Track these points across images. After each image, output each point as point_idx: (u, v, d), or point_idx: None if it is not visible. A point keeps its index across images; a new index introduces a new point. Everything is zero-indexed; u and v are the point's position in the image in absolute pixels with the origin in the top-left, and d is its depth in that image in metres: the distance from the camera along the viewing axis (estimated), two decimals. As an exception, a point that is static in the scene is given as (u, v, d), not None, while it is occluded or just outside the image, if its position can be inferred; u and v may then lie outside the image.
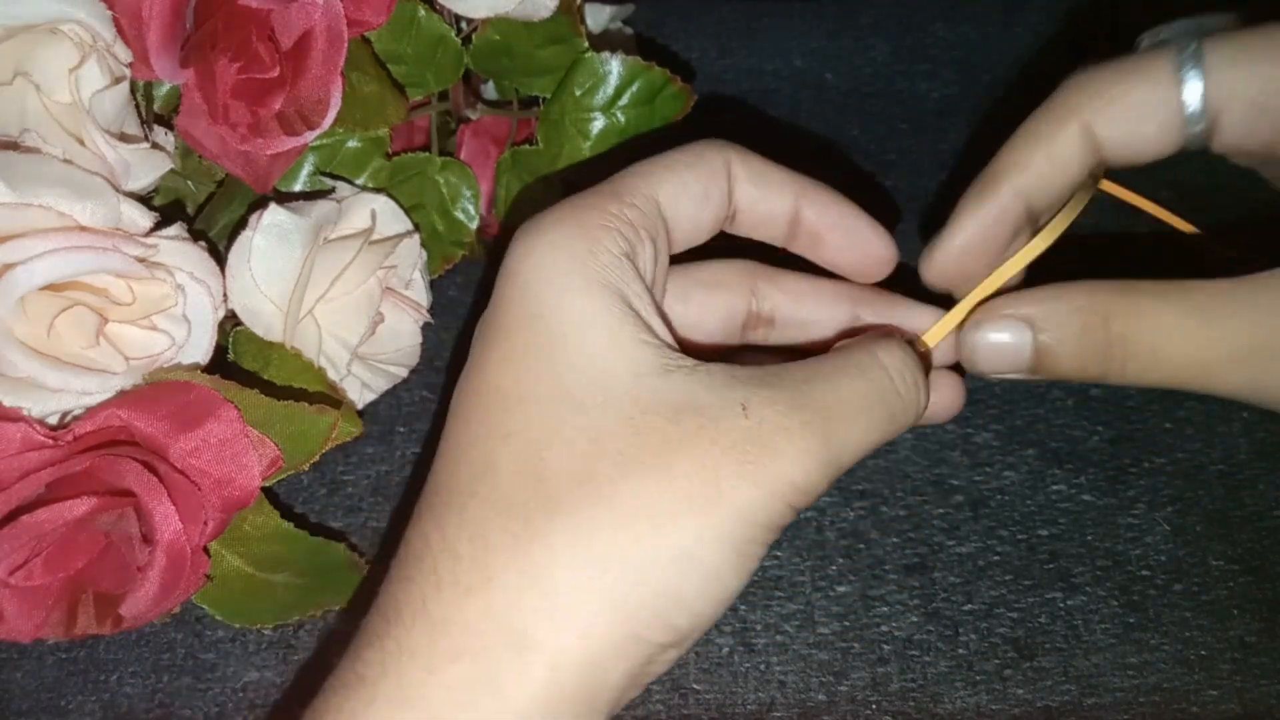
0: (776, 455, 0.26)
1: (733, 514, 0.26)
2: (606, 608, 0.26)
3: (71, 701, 0.36)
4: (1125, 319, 0.29)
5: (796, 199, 0.32)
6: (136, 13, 0.33)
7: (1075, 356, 0.30)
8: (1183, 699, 0.36)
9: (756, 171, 0.32)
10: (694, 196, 0.31)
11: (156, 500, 0.30)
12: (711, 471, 0.26)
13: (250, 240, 0.34)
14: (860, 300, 0.35)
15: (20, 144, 0.31)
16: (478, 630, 0.26)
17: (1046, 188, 0.32)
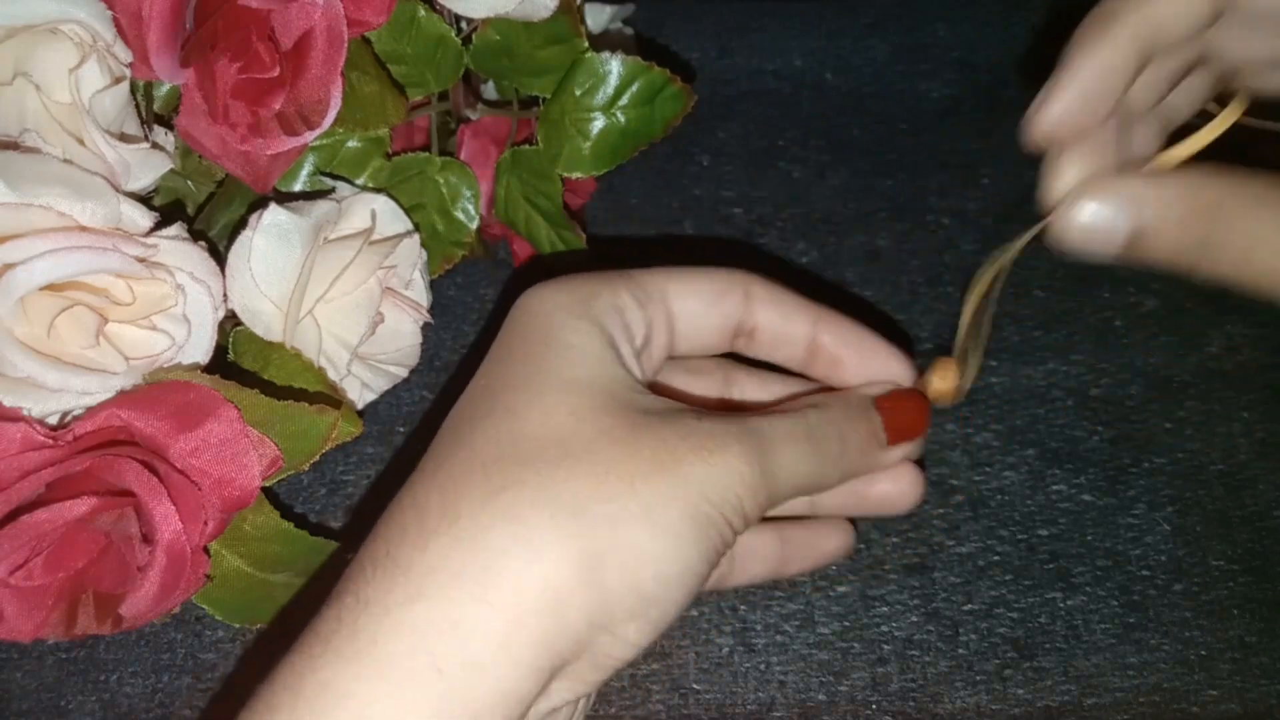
0: (725, 450, 0.29)
1: (691, 483, 0.28)
2: (573, 551, 0.27)
3: (71, 701, 0.36)
4: (1232, 214, 0.29)
5: (815, 325, 0.34)
6: (136, 13, 0.32)
7: (1171, 243, 0.29)
8: (1183, 699, 0.36)
9: (777, 296, 0.34)
10: (702, 298, 0.33)
11: (156, 500, 0.30)
12: (672, 449, 0.28)
13: (250, 240, 0.34)
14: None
15: (20, 144, 0.31)
16: (439, 570, 0.26)
17: (1168, 31, 0.30)
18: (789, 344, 0.34)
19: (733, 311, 0.34)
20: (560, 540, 0.27)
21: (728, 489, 0.29)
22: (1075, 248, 0.30)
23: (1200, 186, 0.29)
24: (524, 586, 0.26)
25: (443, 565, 0.26)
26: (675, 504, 0.28)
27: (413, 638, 0.26)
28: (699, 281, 0.33)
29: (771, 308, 0.34)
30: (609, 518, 0.27)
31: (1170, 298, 0.45)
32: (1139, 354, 0.44)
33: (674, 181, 0.50)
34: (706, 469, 0.28)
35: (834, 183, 0.49)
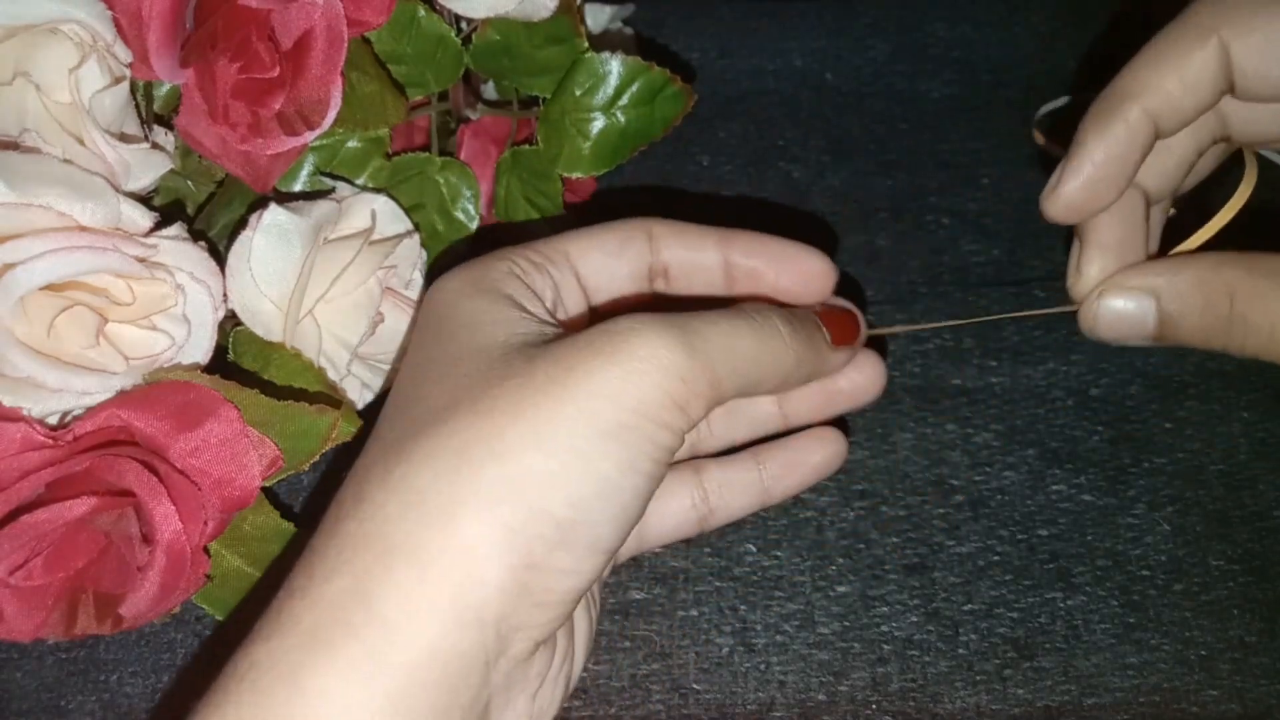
0: (633, 342, 0.28)
1: (590, 392, 0.27)
2: (466, 498, 0.27)
3: (71, 701, 0.36)
4: (1248, 298, 0.30)
5: (721, 247, 0.34)
6: (136, 13, 0.33)
7: (1198, 329, 0.31)
8: (1183, 699, 0.36)
9: (679, 230, 0.34)
10: (604, 249, 0.34)
11: (156, 500, 0.30)
12: (567, 363, 0.28)
13: (250, 240, 0.34)
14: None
15: (20, 144, 0.31)
16: (346, 549, 0.27)
17: (1176, 112, 0.31)
18: (703, 271, 0.34)
19: (639, 256, 0.34)
20: (450, 493, 0.27)
21: (645, 384, 0.27)
22: (1106, 339, 0.32)
23: (1214, 271, 0.30)
24: (423, 547, 0.26)
25: (350, 544, 0.27)
26: (570, 420, 0.27)
27: (328, 610, 0.26)
28: (598, 235, 0.34)
29: (675, 241, 0.34)
30: (494, 456, 0.27)
31: (1170, 298, 0.45)
32: (1139, 354, 0.44)
33: (674, 181, 0.49)
34: (611, 369, 0.27)
35: (834, 183, 0.49)
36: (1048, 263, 0.47)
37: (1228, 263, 0.30)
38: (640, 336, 0.28)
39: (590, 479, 0.27)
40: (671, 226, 0.34)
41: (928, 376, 0.44)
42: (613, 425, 0.27)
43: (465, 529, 0.26)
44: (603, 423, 0.27)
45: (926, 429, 0.42)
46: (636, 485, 0.28)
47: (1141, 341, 0.32)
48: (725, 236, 0.34)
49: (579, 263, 0.33)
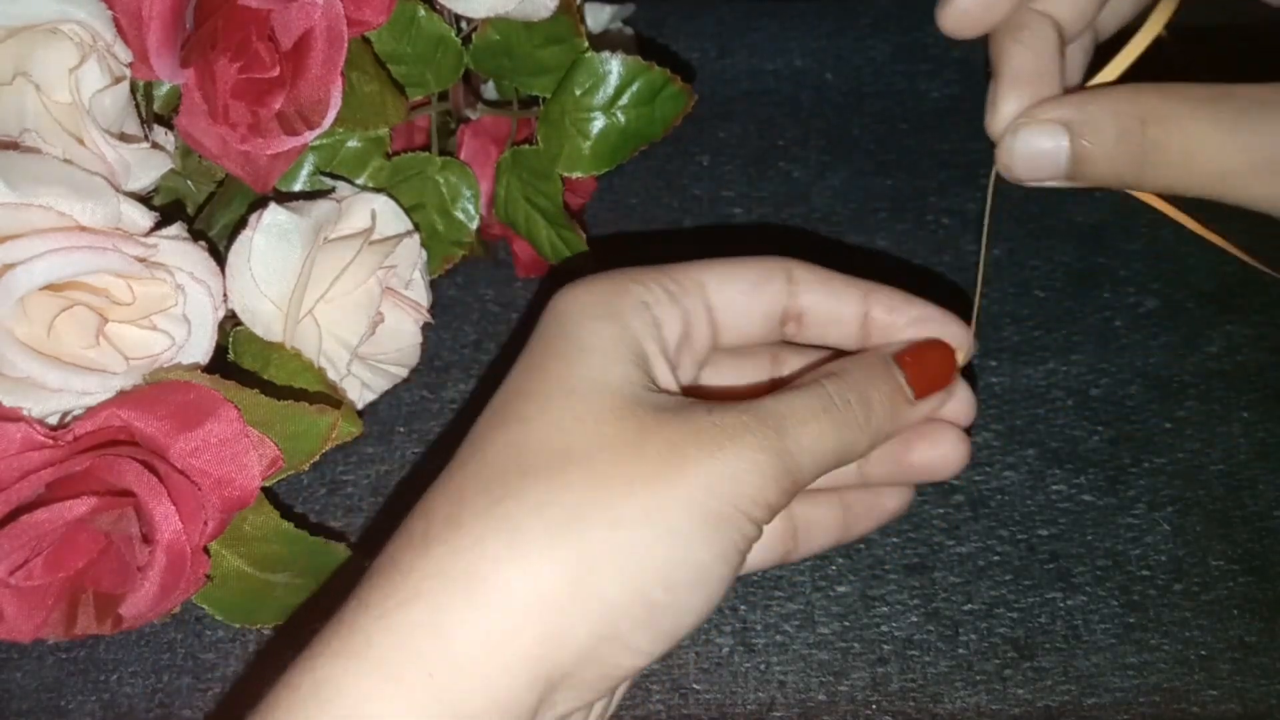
0: (736, 442, 0.28)
1: (698, 481, 0.28)
2: (567, 559, 0.26)
3: (71, 701, 0.36)
4: (1161, 124, 0.29)
5: (864, 300, 0.34)
6: (136, 13, 0.32)
7: (1111, 160, 0.30)
8: (1183, 699, 0.36)
9: (821, 276, 0.34)
10: (742, 286, 0.33)
11: (156, 500, 0.30)
12: (679, 449, 0.28)
13: (250, 240, 0.34)
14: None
15: (20, 144, 0.31)
16: (434, 576, 0.27)
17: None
18: (839, 323, 0.34)
19: (776, 297, 0.33)
20: (553, 549, 0.26)
21: (742, 482, 0.28)
22: (1024, 178, 0.31)
23: (1129, 100, 0.29)
24: (514, 593, 0.26)
25: (439, 571, 0.27)
26: (680, 505, 0.27)
27: (403, 639, 0.26)
28: (738, 270, 0.33)
29: (817, 288, 0.33)
30: (607, 524, 0.27)
31: (1170, 298, 0.45)
32: (1139, 354, 0.44)
33: (674, 181, 0.49)
34: (716, 464, 0.28)
35: (834, 183, 0.49)
36: (1048, 262, 0.47)
37: (1144, 90, 0.29)
38: (747, 436, 0.28)
39: (688, 565, 0.27)
40: (815, 272, 0.34)
41: (928, 376, 0.43)
42: (710, 513, 0.27)
43: (558, 587, 0.26)
44: (706, 513, 0.27)
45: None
46: (724, 576, 0.28)
47: (1059, 181, 0.30)
48: (870, 290, 0.34)
49: (713, 295, 0.33)
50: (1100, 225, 0.48)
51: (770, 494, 0.28)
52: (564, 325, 0.31)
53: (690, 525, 0.27)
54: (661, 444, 0.28)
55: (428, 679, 0.26)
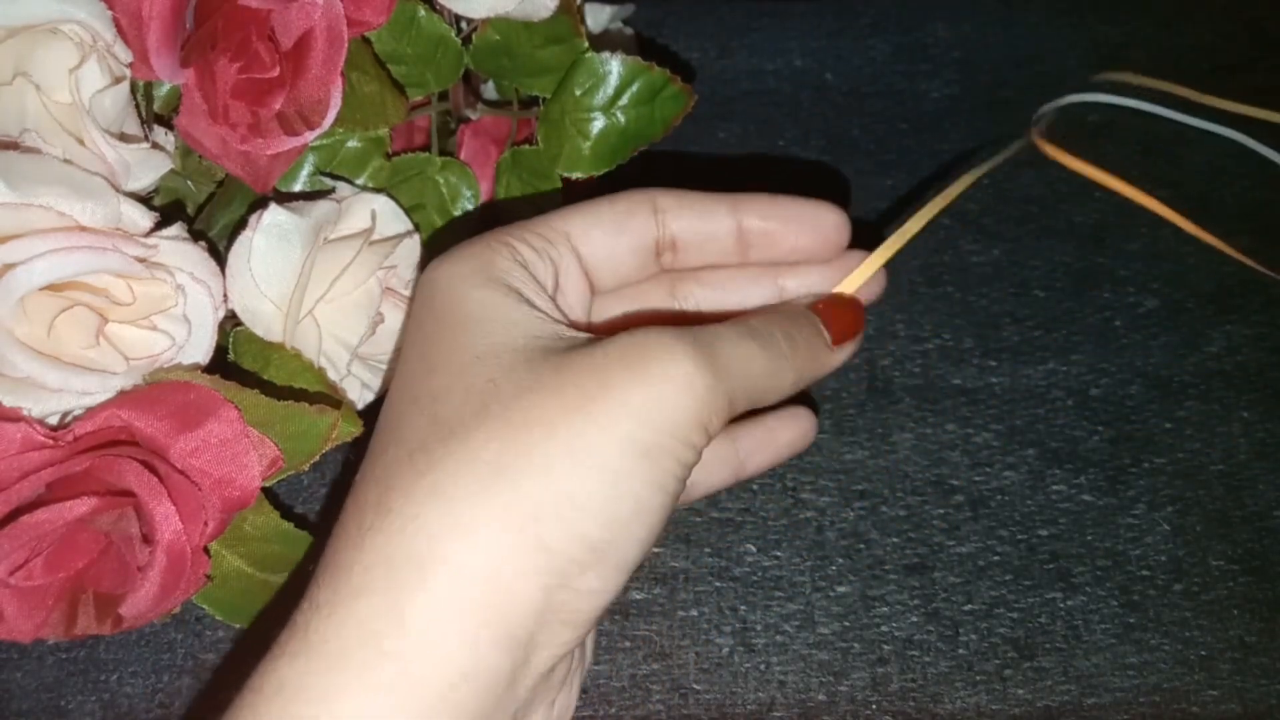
0: (664, 360, 0.27)
1: (624, 411, 0.27)
2: (504, 514, 0.26)
3: (71, 701, 0.36)
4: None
5: (733, 212, 0.33)
6: (136, 13, 0.32)
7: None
8: (1183, 699, 0.36)
9: (686, 199, 0.33)
10: (606, 227, 0.32)
11: (157, 500, 0.30)
12: (601, 377, 0.27)
13: (250, 240, 0.34)
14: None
15: (20, 144, 0.31)
16: (377, 564, 0.26)
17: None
18: (715, 240, 0.34)
19: (644, 230, 0.33)
20: (487, 508, 0.26)
21: (675, 405, 0.27)
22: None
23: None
24: (460, 564, 0.26)
25: (380, 559, 0.26)
26: (608, 439, 0.26)
27: (360, 629, 0.26)
28: (600, 212, 0.32)
29: (684, 211, 0.33)
30: (535, 471, 0.26)
31: (1170, 298, 0.45)
32: (1139, 354, 0.44)
33: (674, 182, 0.49)
34: (644, 388, 0.27)
35: (834, 183, 0.49)
36: (1047, 262, 0.47)
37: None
38: (669, 354, 0.27)
39: (625, 500, 0.27)
40: (678, 196, 0.33)
41: (928, 376, 0.44)
42: (646, 445, 0.27)
43: (502, 546, 0.26)
44: (637, 443, 0.27)
45: (926, 429, 0.42)
46: (664, 504, 0.27)
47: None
48: (736, 201, 0.33)
49: (580, 243, 0.32)
50: (1100, 225, 0.48)
51: (705, 413, 0.27)
52: (448, 298, 0.30)
53: (621, 459, 0.26)
54: (583, 374, 0.27)
55: (388, 661, 0.25)
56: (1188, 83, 0.52)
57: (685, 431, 0.27)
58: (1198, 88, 0.52)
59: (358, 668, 0.25)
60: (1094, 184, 0.49)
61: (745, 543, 0.39)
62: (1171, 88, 0.40)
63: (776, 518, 0.40)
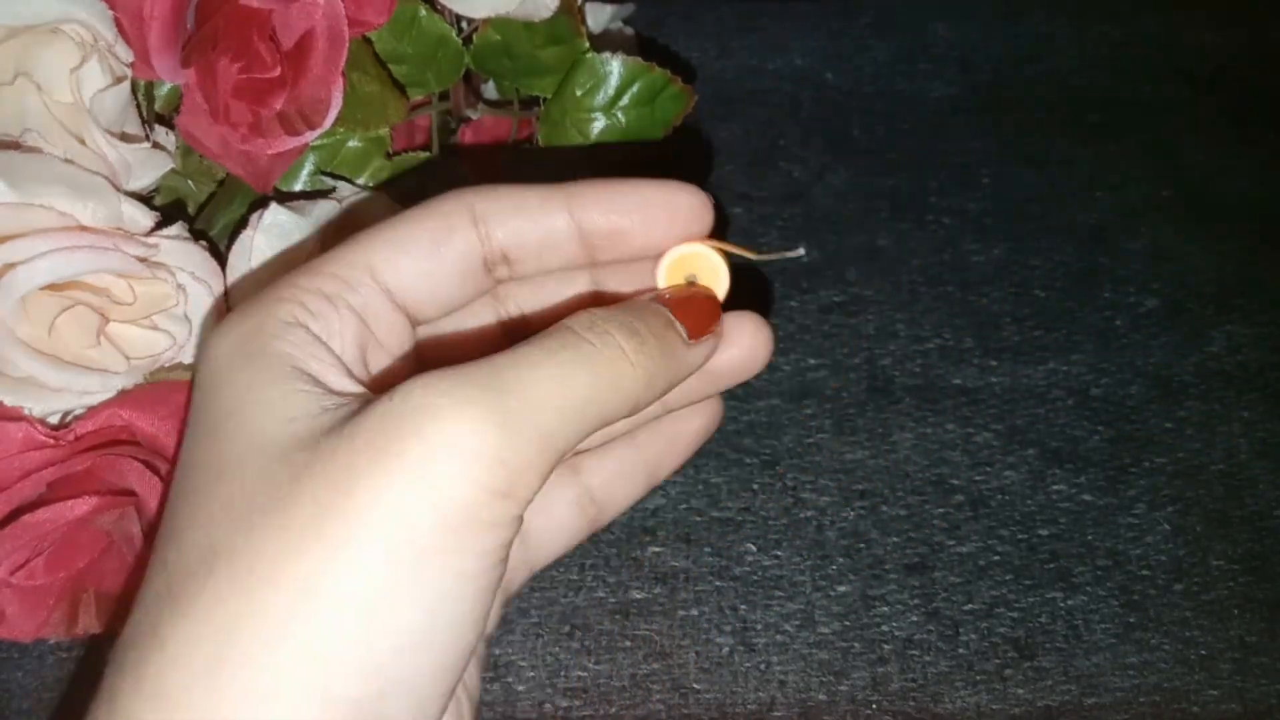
0: (423, 426, 0.21)
1: (379, 516, 0.21)
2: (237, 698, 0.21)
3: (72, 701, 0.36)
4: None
5: (571, 209, 0.28)
6: (138, 12, 0.32)
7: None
8: (1183, 699, 0.36)
9: (509, 200, 0.27)
10: (418, 251, 0.27)
11: (158, 499, 0.30)
12: (343, 475, 0.21)
13: (251, 240, 0.34)
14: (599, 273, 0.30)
15: (21, 144, 0.31)
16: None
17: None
18: (554, 247, 0.28)
19: (466, 248, 0.27)
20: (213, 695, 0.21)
21: (458, 485, 0.21)
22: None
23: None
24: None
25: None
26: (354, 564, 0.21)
27: None
28: (405, 233, 0.27)
29: (509, 217, 0.27)
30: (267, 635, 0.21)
31: (1170, 298, 0.45)
32: (1139, 354, 0.44)
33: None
34: (405, 476, 0.21)
35: (834, 183, 0.49)
36: (1048, 262, 0.47)
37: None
38: (436, 418, 0.21)
39: (392, 636, 0.21)
40: (500, 198, 0.27)
41: (928, 376, 0.44)
42: (414, 554, 0.21)
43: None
44: (400, 555, 0.21)
45: (926, 429, 0.42)
46: (460, 612, 0.22)
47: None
48: (571, 195, 0.27)
49: (387, 276, 0.26)
50: (1100, 225, 0.48)
51: (503, 479, 0.21)
52: (209, 384, 0.25)
53: (378, 586, 0.21)
54: (319, 483, 0.21)
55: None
56: (1188, 82, 0.52)
57: (475, 512, 0.21)
58: (1198, 87, 0.52)
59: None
60: (1094, 183, 0.50)
61: (745, 542, 0.40)
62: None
63: (777, 517, 0.40)
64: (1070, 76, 0.53)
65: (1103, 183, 0.49)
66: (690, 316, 0.27)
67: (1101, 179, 0.49)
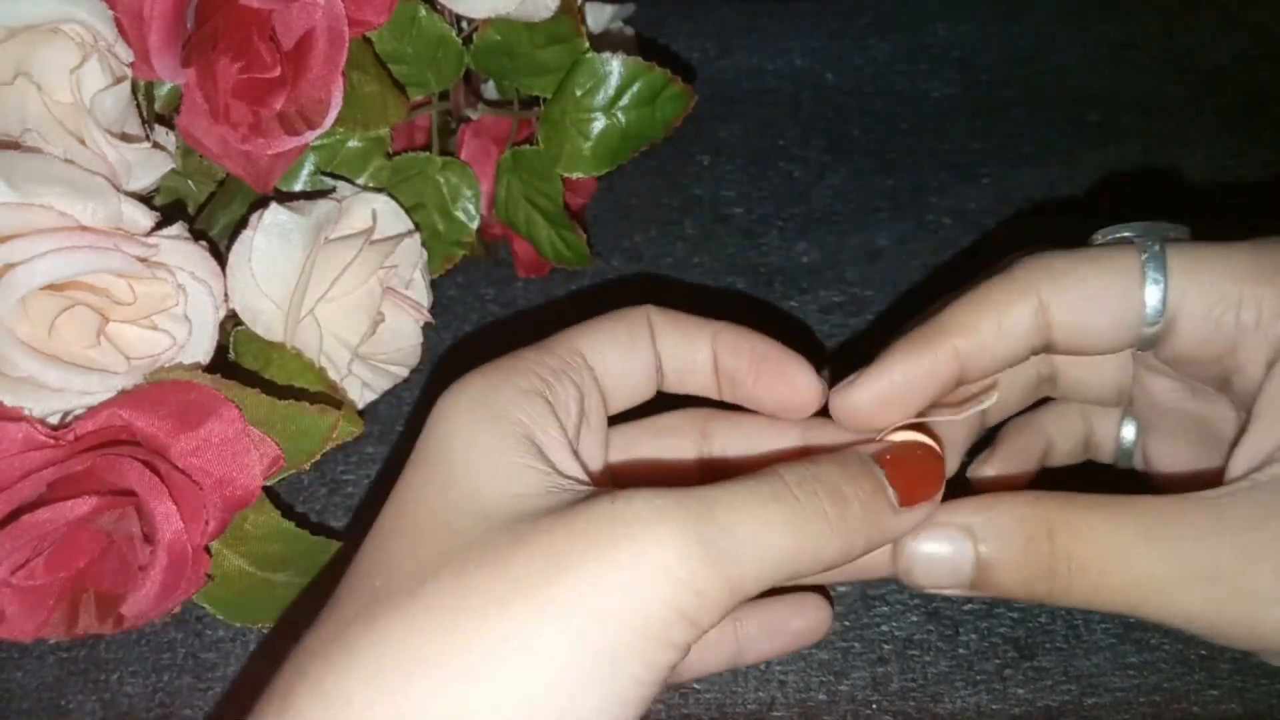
0: (638, 536, 0.22)
1: (581, 600, 0.22)
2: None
3: (72, 701, 0.36)
4: (1072, 534, 0.27)
5: (711, 341, 0.31)
6: (138, 12, 0.33)
7: (1019, 571, 0.27)
8: (1183, 699, 0.36)
9: (672, 321, 0.31)
10: (619, 346, 0.30)
11: (158, 500, 0.30)
12: (558, 554, 0.22)
13: (251, 240, 0.34)
14: (810, 431, 0.32)
15: (21, 144, 0.31)
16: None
17: (985, 357, 0.29)
18: (695, 371, 0.31)
19: (647, 350, 0.31)
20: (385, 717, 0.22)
21: (655, 598, 0.22)
22: (924, 586, 0.28)
23: (1031, 507, 0.27)
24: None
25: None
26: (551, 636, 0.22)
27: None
28: (608, 326, 0.30)
29: (671, 335, 0.31)
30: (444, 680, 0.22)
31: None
32: (1139, 354, 0.44)
33: (674, 181, 0.50)
34: (612, 576, 0.22)
35: (834, 183, 0.49)
36: (1048, 263, 0.47)
37: (1044, 498, 0.27)
38: (650, 531, 0.23)
39: (570, 714, 0.22)
40: (666, 316, 0.31)
41: (928, 376, 0.44)
42: (603, 647, 0.22)
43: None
44: (590, 643, 0.22)
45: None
46: (624, 715, 0.23)
47: (960, 590, 0.28)
48: (717, 330, 0.31)
49: (594, 362, 0.30)
50: (1100, 225, 0.48)
51: (692, 606, 0.22)
52: (441, 435, 0.27)
53: (569, 662, 0.22)
54: (533, 555, 0.22)
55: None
56: (1188, 82, 0.52)
57: (662, 629, 0.22)
58: (1198, 87, 0.52)
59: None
60: (1094, 183, 0.50)
61: (745, 542, 0.39)
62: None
63: (777, 517, 0.40)
64: (1070, 76, 0.53)
65: (1103, 182, 0.49)
66: (906, 479, 0.27)
67: (1101, 178, 0.50)
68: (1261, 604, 0.25)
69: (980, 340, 0.29)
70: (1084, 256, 0.30)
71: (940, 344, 0.29)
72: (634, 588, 0.22)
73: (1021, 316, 0.29)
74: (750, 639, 0.33)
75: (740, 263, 0.47)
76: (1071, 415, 0.35)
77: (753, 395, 0.31)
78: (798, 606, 0.33)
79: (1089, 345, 0.30)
